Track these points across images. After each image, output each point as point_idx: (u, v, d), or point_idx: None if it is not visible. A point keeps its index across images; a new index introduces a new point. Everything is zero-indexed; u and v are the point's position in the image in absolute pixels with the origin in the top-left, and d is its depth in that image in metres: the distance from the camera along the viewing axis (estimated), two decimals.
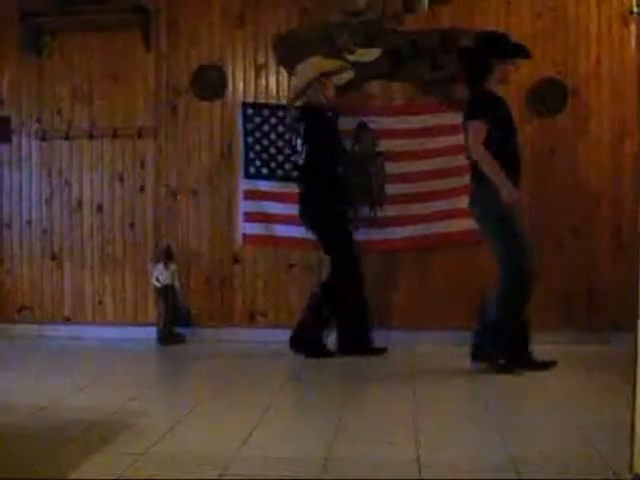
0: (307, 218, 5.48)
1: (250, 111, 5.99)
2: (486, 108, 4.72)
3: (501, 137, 4.68)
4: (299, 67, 5.60)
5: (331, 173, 5.43)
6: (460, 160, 5.65)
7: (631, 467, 2.54)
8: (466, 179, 5.65)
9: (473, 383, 4.53)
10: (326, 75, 5.45)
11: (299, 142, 5.48)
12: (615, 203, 5.73)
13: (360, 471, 2.87)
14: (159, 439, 3.29)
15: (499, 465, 2.88)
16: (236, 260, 6.11)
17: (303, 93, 5.47)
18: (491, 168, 4.60)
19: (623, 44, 5.70)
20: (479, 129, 4.65)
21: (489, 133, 4.64)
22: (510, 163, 4.68)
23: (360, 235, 5.80)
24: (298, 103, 5.59)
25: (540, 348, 5.33)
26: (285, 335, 5.46)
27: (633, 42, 5.63)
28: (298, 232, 5.81)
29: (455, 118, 5.68)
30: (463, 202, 5.48)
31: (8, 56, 6.37)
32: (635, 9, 5.49)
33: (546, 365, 4.76)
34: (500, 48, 4.84)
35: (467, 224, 5.63)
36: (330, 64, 5.54)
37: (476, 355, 4.80)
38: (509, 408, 3.88)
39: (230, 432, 3.41)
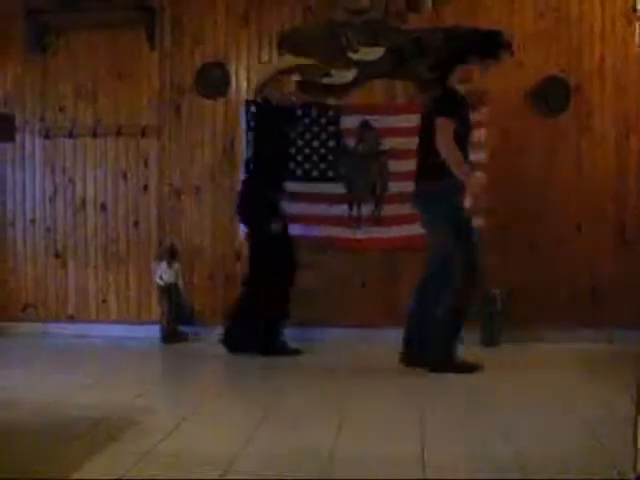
0: (243, 215, 5.50)
1: (253, 109, 5.99)
2: (454, 106, 4.72)
3: (461, 138, 4.68)
4: (259, 65, 5.67)
5: (275, 172, 5.43)
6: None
7: (635, 467, 2.54)
8: None
9: (476, 379, 4.54)
10: (283, 73, 5.46)
11: (249, 137, 5.55)
12: (619, 200, 5.74)
13: (364, 470, 2.87)
14: (164, 437, 3.30)
15: (504, 463, 2.89)
16: (239, 257, 6.11)
17: (261, 89, 5.50)
18: (458, 164, 4.58)
19: (626, 42, 5.71)
20: (448, 126, 4.61)
21: (454, 132, 4.62)
22: None
23: (363, 233, 5.82)
24: (258, 99, 5.62)
25: (543, 346, 5.38)
26: (289, 332, 5.48)
27: (637, 40, 5.63)
28: (301, 229, 5.84)
29: None
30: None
31: (12, 54, 6.37)
32: (639, 7, 5.50)
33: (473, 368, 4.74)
34: (462, 49, 4.84)
35: None
36: (288, 62, 5.57)
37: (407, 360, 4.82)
38: (513, 406, 3.87)
39: (234, 430, 3.42)
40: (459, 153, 4.61)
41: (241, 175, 5.97)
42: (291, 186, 5.87)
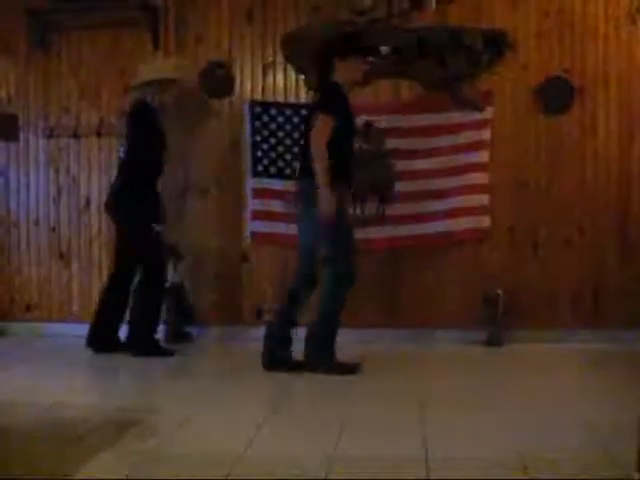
0: (115, 214, 5.53)
1: (258, 109, 5.99)
2: (337, 105, 4.64)
3: (343, 138, 4.62)
4: (158, 62, 5.82)
5: (150, 174, 5.45)
6: (464, 159, 5.71)
7: (639, 467, 2.53)
8: (470, 177, 5.70)
9: (479, 379, 4.56)
10: (168, 81, 5.52)
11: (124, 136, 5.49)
12: (622, 202, 5.74)
13: (364, 470, 2.87)
14: (168, 437, 3.30)
15: (506, 463, 2.88)
16: (244, 258, 6.11)
17: (142, 85, 5.48)
18: (323, 172, 4.50)
19: (630, 43, 5.70)
20: (326, 124, 4.53)
21: (334, 131, 4.54)
22: (343, 167, 4.63)
23: (366, 233, 5.79)
24: (135, 94, 5.60)
25: (546, 346, 5.38)
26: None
27: None
28: None
29: (460, 116, 5.73)
30: (467, 201, 5.71)
31: (15, 54, 6.37)
32: None
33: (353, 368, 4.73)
34: (343, 45, 4.81)
35: (471, 222, 5.70)
36: (182, 74, 5.68)
37: (271, 361, 4.77)
38: (516, 405, 3.87)
39: (237, 430, 3.42)
40: (326, 162, 4.50)
41: (247, 177, 5.99)
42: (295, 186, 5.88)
